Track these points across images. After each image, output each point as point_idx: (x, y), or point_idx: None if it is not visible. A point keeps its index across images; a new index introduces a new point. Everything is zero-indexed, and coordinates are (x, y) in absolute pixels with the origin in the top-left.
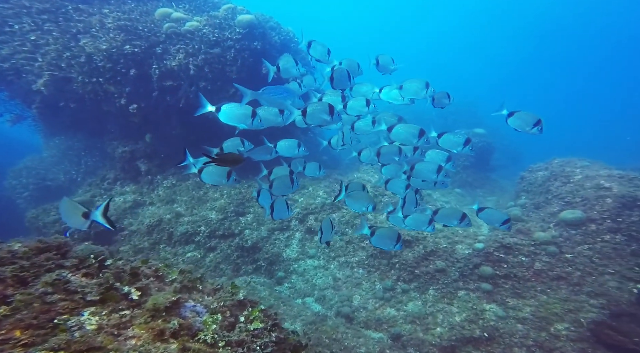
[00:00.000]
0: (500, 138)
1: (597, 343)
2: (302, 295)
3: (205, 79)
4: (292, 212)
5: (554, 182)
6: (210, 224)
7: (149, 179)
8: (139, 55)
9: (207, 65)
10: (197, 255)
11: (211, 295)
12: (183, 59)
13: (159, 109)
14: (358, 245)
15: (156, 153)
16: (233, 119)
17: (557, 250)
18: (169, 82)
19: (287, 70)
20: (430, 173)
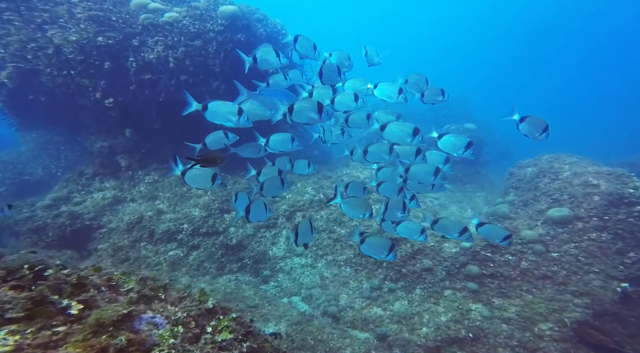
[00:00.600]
0: (490, 132)
1: (580, 343)
2: (288, 294)
3: (187, 73)
4: (270, 213)
5: (542, 178)
6: (193, 222)
7: (130, 175)
8: (113, 48)
9: (188, 58)
10: (179, 253)
11: (176, 304)
12: (162, 52)
13: (138, 103)
14: (346, 243)
15: (137, 148)
16: (219, 117)
17: (544, 248)
18: (147, 75)
19: (265, 62)
20: (427, 175)
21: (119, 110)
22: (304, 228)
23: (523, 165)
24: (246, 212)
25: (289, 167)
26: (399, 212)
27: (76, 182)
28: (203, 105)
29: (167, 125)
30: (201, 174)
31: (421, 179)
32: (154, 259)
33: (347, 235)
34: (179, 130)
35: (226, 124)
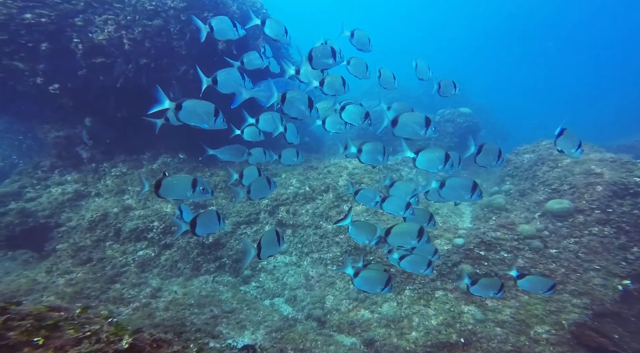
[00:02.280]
0: (487, 116)
1: (578, 346)
2: (271, 295)
3: (147, 56)
4: (223, 224)
5: (541, 166)
6: (164, 219)
7: (94, 167)
8: (49, 27)
9: (148, 40)
10: (150, 253)
11: (70, 348)
12: (114, 32)
13: (92, 90)
14: (332, 240)
15: (100, 138)
16: (194, 118)
17: (542, 245)
18: (99, 58)
19: (222, 31)
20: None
21: (72, 98)
22: (269, 240)
23: (520, 151)
24: (192, 225)
25: (275, 157)
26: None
27: (30, 176)
28: (177, 105)
29: (134, 113)
30: (178, 181)
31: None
32: (121, 260)
33: (338, 268)
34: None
35: (202, 126)
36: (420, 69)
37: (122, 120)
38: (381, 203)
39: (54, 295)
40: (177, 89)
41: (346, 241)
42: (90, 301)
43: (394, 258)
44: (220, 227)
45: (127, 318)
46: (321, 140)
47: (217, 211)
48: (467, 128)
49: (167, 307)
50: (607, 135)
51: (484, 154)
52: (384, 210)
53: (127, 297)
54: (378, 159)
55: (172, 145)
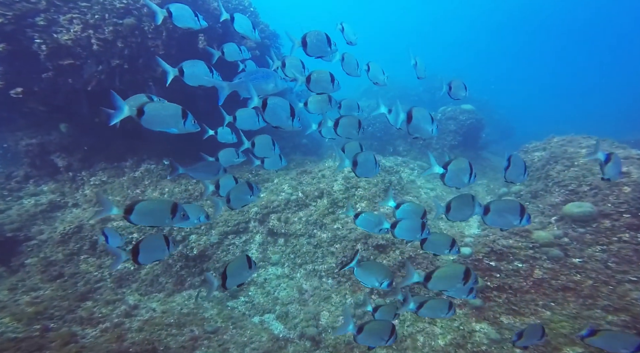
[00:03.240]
0: (491, 112)
1: None
2: (260, 311)
3: (120, 57)
4: (173, 248)
5: (554, 165)
6: (144, 230)
7: (71, 176)
8: (6, 27)
9: (120, 40)
10: (129, 267)
11: None
12: (81, 32)
13: (61, 93)
14: (327, 249)
15: (77, 145)
16: (160, 123)
17: (562, 253)
18: (66, 60)
19: (181, 18)
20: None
21: (41, 102)
22: (237, 267)
23: (530, 149)
24: (134, 252)
25: (258, 162)
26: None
27: (1, 187)
28: (138, 110)
29: None
30: (155, 207)
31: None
32: (96, 275)
33: (340, 328)
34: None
35: (170, 131)
36: (420, 68)
37: (100, 125)
38: (392, 229)
39: (9, 316)
40: (155, 91)
41: (341, 251)
42: (52, 322)
43: (411, 308)
44: (170, 252)
45: (91, 341)
46: (320, 142)
47: (165, 234)
48: (471, 125)
49: (142, 327)
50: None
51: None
52: (397, 236)
53: (98, 316)
54: (372, 171)
55: (156, 151)
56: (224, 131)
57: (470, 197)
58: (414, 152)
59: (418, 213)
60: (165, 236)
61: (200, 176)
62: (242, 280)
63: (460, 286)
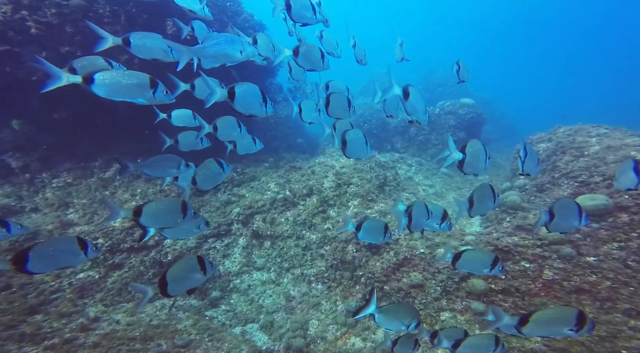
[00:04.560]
0: (491, 109)
1: None
2: (243, 321)
3: (71, 43)
4: (79, 258)
5: (561, 156)
6: (111, 235)
7: (28, 178)
8: None
9: (69, 24)
10: (93, 275)
11: None
12: (11, 14)
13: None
14: (316, 252)
15: (34, 144)
16: (120, 92)
17: (574, 251)
18: (1, 46)
19: None
20: None
21: None
22: (183, 271)
23: (534, 140)
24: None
25: (231, 147)
26: None
27: None
28: (84, 78)
29: (79, 113)
30: (164, 208)
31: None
32: (54, 285)
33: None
34: (101, 120)
35: (136, 101)
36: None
37: (63, 122)
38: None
39: None
40: None
41: (332, 253)
42: None
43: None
44: (79, 260)
45: None
46: (316, 142)
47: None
48: (471, 120)
49: (98, 342)
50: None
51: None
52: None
53: (47, 331)
54: (363, 151)
55: (129, 149)
56: (181, 113)
57: (488, 187)
58: (413, 149)
59: (437, 214)
60: (59, 244)
61: (157, 173)
62: (191, 285)
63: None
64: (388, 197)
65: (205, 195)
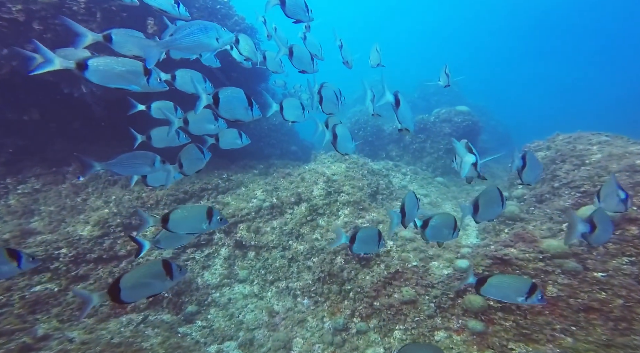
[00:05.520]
0: (487, 117)
1: None
2: (219, 338)
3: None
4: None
5: (561, 164)
6: (76, 244)
7: None
8: None
9: (37, 21)
10: (52, 288)
11: None
12: None
13: None
14: (303, 264)
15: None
16: (114, 78)
17: (580, 266)
18: None
19: None
20: None
21: None
22: (143, 276)
23: (532, 148)
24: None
25: (212, 141)
26: None
27: None
28: (78, 64)
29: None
30: (190, 214)
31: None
32: (1, 299)
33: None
34: (80, 121)
35: (130, 88)
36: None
37: (32, 124)
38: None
39: None
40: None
41: (319, 265)
42: None
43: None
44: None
45: None
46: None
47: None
48: (467, 128)
49: None
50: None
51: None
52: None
53: None
54: (351, 146)
55: (106, 154)
56: (161, 105)
57: (496, 191)
58: (407, 157)
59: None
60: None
61: (129, 171)
62: (153, 291)
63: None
64: (380, 206)
65: (187, 202)
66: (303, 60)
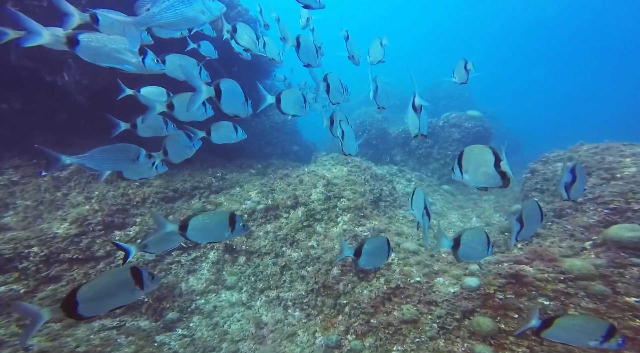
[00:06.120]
0: (497, 125)
1: None
2: (200, 349)
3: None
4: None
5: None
6: (49, 243)
7: None
8: None
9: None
10: (18, 289)
11: None
12: None
13: None
14: (296, 272)
15: None
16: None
17: (608, 289)
18: None
19: None
20: None
21: None
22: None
23: (550, 159)
24: None
25: (203, 134)
26: None
27: None
28: (68, 39)
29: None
30: (211, 221)
31: None
32: None
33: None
34: (66, 112)
35: (121, 68)
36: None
37: (14, 113)
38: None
39: None
40: (74, 70)
41: (314, 276)
42: None
43: None
44: None
45: None
46: (312, 151)
47: None
48: (477, 134)
49: None
50: None
51: None
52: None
53: None
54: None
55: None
56: (152, 90)
57: (536, 206)
58: (412, 162)
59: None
60: None
61: (106, 167)
62: (119, 303)
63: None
64: (382, 214)
65: (177, 201)
66: (309, 52)
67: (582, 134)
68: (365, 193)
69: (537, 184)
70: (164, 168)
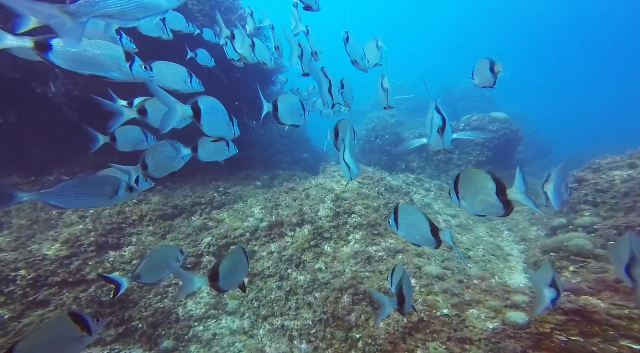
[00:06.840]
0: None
1: None
2: None
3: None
4: None
5: None
6: (37, 265)
7: None
8: None
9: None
10: (2, 314)
11: None
12: None
13: None
14: (303, 298)
15: None
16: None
17: None
18: None
19: None
20: None
21: None
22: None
23: (604, 166)
24: None
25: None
26: None
27: None
28: (36, 43)
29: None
30: (234, 262)
31: None
32: None
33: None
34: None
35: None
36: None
37: (10, 127)
38: None
39: None
40: (61, 80)
41: (321, 304)
42: None
43: None
44: None
45: None
46: (323, 158)
47: None
48: (503, 137)
49: None
50: None
51: None
52: None
53: None
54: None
55: (94, 162)
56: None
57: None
58: (430, 169)
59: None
60: None
61: (76, 204)
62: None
63: None
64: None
65: (176, 218)
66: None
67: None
68: (379, 208)
69: (589, 196)
70: (148, 184)
